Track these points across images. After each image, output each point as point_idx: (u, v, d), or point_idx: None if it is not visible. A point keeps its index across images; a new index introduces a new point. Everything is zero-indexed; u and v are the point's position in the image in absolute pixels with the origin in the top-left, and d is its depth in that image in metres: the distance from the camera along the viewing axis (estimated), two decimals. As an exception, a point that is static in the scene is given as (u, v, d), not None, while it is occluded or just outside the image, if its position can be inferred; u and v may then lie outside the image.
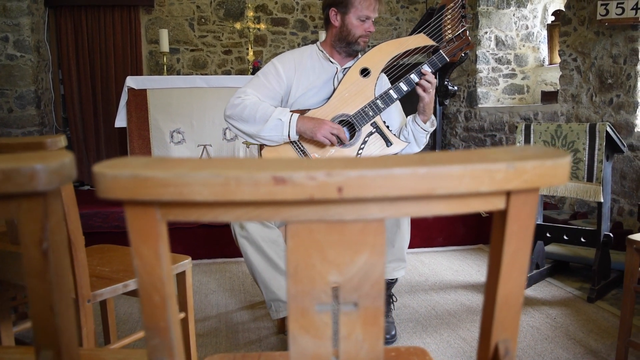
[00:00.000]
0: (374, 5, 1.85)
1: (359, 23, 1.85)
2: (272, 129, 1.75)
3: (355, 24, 1.86)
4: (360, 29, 1.86)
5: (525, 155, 0.42)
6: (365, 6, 1.84)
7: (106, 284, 1.24)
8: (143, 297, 0.47)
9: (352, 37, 1.87)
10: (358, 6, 1.84)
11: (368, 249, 0.44)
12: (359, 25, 1.86)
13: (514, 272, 0.46)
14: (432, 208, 0.42)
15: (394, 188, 0.39)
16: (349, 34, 1.87)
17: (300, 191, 0.39)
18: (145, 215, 0.45)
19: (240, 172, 0.40)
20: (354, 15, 1.85)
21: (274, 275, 1.72)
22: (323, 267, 0.44)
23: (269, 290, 1.73)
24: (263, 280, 1.73)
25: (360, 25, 1.86)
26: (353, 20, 1.85)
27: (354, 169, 0.39)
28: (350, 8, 1.85)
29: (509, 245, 0.45)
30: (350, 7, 1.84)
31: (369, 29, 1.87)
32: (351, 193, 0.39)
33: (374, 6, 1.85)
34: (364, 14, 1.84)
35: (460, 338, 1.93)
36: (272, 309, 1.76)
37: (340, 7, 1.86)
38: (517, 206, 0.44)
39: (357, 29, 1.86)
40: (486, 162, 0.40)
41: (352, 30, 1.86)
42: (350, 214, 0.42)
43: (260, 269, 1.73)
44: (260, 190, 0.39)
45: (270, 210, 0.42)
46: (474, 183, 0.40)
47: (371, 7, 1.85)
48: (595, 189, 2.22)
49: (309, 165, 0.40)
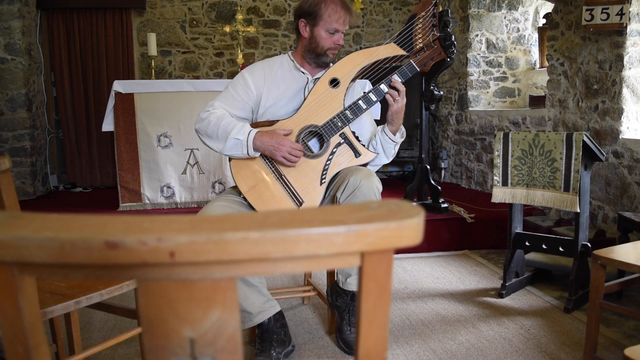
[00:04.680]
0: (343, 18, 1.83)
1: (328, 36, 1.84)
2: (232, 147, 1.75)
3: (324, 37, 1.84)
4: (328, 42, 1.85)
5: (371, 216, 0.41)
6: (334, 19, 1.82)
7: (58, 300, 1.24)
8: (7, 348, 0.47)
9: (321, 49, 1.86)
10: (327, 19, 1.82)
11: (219, 306, 0.44)
12: (328, 38, 1.84)
13: (374, 328, 0.45)
14: (278, 268, 0.42)
15: (227, 253, 0.39)
16: (317, 46, 1.86)
17: (133, 255, 0.39)
18: (3, 272, 0.45)
19: (75, 237, 0.39)
20: (323, 28, 1.83)
21: (239, 286, 1.72)
22: (176, 323, 0.44)
23: (234, 302, 1.73)
24: (229, 292, 1.73)
25: (329, 37, 1.84)
26: (322, 32, 1.84)
27: (185, 234, 0.39)
28: (319, 20, 1.83)
29: (366, 302, 0.44)
30: (319, 20, 1.83)
31: (338, 42, 1.86)
32: (184, 258, 0.39)
33: (344, 19, 1.84)
34: (332, 27, 1.83)
35: (430, 350, 1.93)
36: (239, 321, 1.76)
37: (309, 19, 1.85)
38: (371, 265, 0.43)
39: (326, 42, 1.85)
40: (325, 225, 0.40)
41: (321, 43, 1.85)
42: (193, 274, 0.42)
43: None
44: (94, 255, 0.39)
45: (112, 272, 0.41)
46: (311, 247, 0.39)
47: (340, 20, 1.83)
48: (572, 199, 2.20)
49: (141, 229, 0.39)
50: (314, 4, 1.85)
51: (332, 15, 1.82)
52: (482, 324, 2.15)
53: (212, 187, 3.73)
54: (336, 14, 1.82)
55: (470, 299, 2.44)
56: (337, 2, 1.84)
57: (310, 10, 1.85)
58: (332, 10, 1.83)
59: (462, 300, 2.42)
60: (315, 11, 1.84)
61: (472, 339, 2.01)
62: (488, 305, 2.36)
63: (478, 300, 2.43)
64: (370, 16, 5.35)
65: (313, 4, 1.85)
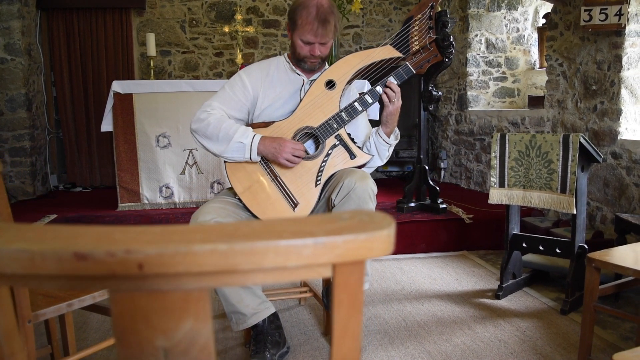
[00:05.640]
0: (315, 31, 1.77)
1: (302, 44, 1.82)
2: (235, 150, 1.75)
3: (300, 44, 1.82)
4: (304, 50, 1.83)
5: (341, 228, 0.41)
6: (306, 30, 1.78)
7: (50, 302, 1.25)
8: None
9: (299, 55, 1.85)
10: (300, 29, 1.79)
11: (192, 316, 0.44)
12: (303, 47, 1.82)
13: (346, 339, 0.45)
14: (248, 279, 0.42)
15: (195, 265, 0.39)
16: (295, 52, 1.86)
17: (102, 267, 0.39)
18: (-23, 280, 0.45)
19: (46, 248, 0.39)
20: (297, 37, 1.82)
21: (234, 288, 1.73)
22: (149, 333, 0.44)
23: (228, 303, 1.73)
24: (222, 293, 1.74)
25: (304, 46, 1.82)
26: (297, 40, 1.82)
27: (154, 246, 0.39)
28: (295, 28, 1.82)
29: (338, 313, 0.45)
30: (295, 28, 1.82)
31: (313, 52, 1.82)
32: (152, 269, 0.39)
33: (315, 32, 1.77)
34: (304, 38, 1.80)
35: (425, 351, 1.93)
36: (233, 321, 1.76)
37: (291, 24, 1.85)
38: (343, 276, 0.43)
39: (302, 50, 1.83)
40: (294, 237, 0.40)
41: (297, 50, 1.84)
42: (164, 285, 0.42)
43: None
44: (64, 266, 0.39)
45: (83, 283, 0.41)
46: (279, 259, 0.40)
47: (312, 32, 1.77)
48: (568, 201, 2.20)
49: (111, 241, 0.39)
50: (294, 9, 1.82)
51: (305, 26, 1.77)
52: (478, 325, 2.15)
53: (210, 187, 3.74)
54: (308, 25, 1.77)
55: (467, 300, 2.43)
56: (312, 13, 1.76)
57: (291, 16, 1.83)
58: (305, 21, 1.77)
59: (458, 302, 2.42)
60: (293, 17, 1.82)
61: (468, 341, 2.01)
62: (484, 306, 2.36)
63: (475, 301, 2.43)
64: (370, 16, 5.35)
65: (293, 9, 1.82)
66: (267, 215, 1.79)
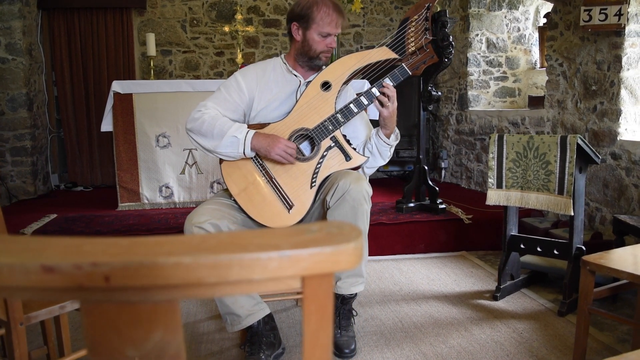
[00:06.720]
0: (335, 21, 1.83)
1: (321, 39, 1.84)
2: (228, 145, 1.75)
3: (317, 40, 1.84)
4: (321, 45, 1.85)
5: (308, 241, 0.41)
6: (327, 22, 1.83)
7: (43, 305, 1.25)
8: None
9: (314, 52, 1.86)
10: (320, 22, 1.83)
11: (161, 327, 0.44)
12: (321, 41, 1.85)
13: (316, 351, 0.46)
14: (215, 292, 0.42)
15: (160, 277, 0.39)
16: (310, 49, 1.86)
17: (69, 280, 0.39)
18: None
19: (13, 261, 0.40)
20: (315, 32, 1.83)
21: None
22: (119, 343, 0.45)
23: (223, 304, 1.74)
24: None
25: (322, 41, 1.85)
26: (314, 36, 1.84)
27: (120, 259, 0.39)
28: (312, 24, 1.83)
29: (308, 324, 0.45)
30: (312, 23, 1.83)
31: (331, 45, 1.86)
32: (119, 282, 0.39)
33: (336, 22, 1.84)
34: (325, 31, 1.83)
35: (420, 353, 1.93)
36: (228, 322, 1.77)
37: (301, 22, 1.85)
38: (312, 288, 0.44)
39: (319, 45, 1.85)
40: (259, 250, 0.40)
41: (313, 46, 1.85)
42: (132, 297, 0.42)
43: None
44: (31, 278, 0.40)
45: (52, 294, 0.42)
46: (244, 272, 0.40)
47: (333, 23, 1.83)
48: (565, 202, 2.19)
49: (79, 253, 0.40)
50: (306, 7, 1.85)
51: (325, 18, 1.82)
52: (474, 327, 2.15)
53: (210, 187, 3.75)
54: (328, 17, 1.83)
55: (464, 302, 2.43)
56: (330, 5, 1.84)
57: (303, 14, 1.85)
58: (325, 14, 1.83)
59: (456, 303, 2.42)
60: (307, 14, 1.84)
61: (464, 343, 2.01)
62: (482, 308, 2.36)
63: (472, 302, 2.42)
64: (371, 15, 5.34)
65: (305, 7, 1.85)
66: (263, 216, 1.80)
